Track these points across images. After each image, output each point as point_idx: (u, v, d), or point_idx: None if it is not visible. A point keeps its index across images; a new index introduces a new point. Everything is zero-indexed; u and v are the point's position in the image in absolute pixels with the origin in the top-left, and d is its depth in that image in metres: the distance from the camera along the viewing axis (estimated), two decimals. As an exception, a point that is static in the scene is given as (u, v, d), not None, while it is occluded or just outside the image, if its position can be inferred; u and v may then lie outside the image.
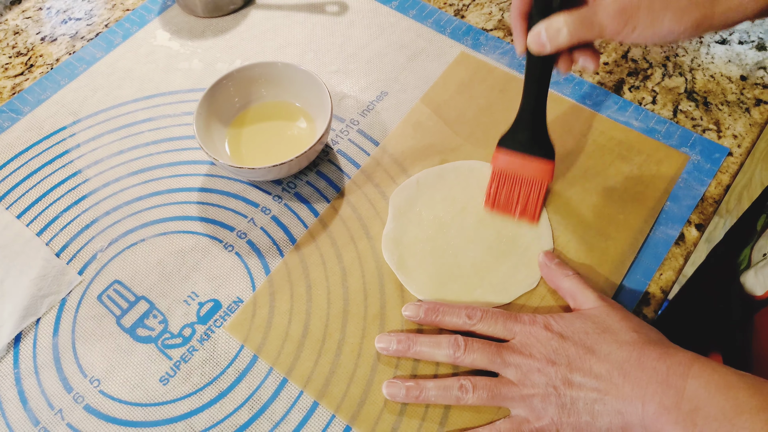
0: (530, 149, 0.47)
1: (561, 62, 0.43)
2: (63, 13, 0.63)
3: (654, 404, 0.36)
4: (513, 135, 0.47)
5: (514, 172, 0.48)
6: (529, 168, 0.47)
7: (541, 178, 0.47)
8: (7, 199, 0.51)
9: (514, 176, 0.48)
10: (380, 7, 0.62)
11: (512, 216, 0.48)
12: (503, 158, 0.48)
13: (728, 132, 0.54)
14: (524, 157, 0.47)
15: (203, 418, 0.42)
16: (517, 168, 0.47)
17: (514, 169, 0.47)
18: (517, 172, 0.47)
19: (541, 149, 0.47)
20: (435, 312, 0.43)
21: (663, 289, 0.46)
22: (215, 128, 0.51)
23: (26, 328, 0.45)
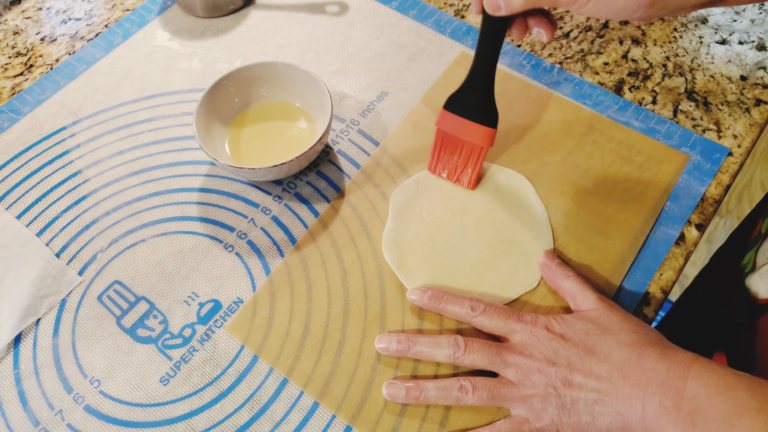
0: (475, 115, 0.47)
1: (515, 28, 0.43)
2: (63, 14, 0.63)
3: (654, 405, 0.36)
4: (460, 98, 0.47)
5: (457, 137, 0.48)
6: (471, 134, 0.47)
7: (482, 144, 0.47)
8: (6, 200, 0.51)
9: (455, 141, 0.48)
10: (380, 8, 0.62)
11: (451, 181, 0.50)
12: (447, 121, 0.48)
13: (728, 132, 0.54)
14: (467, 123, 0.47)
15: (203, 418, 0.42)
16: (459, 132, 0.48)
17: (457, 133, 0.48)
18: (460, 136, 0.48)
19: (486, 116, 0.47)
20: (439, 299, 0.43)
21: (663, 289, 0.46)
22: (215, 128, 0.51)
23: (26, 329, 0.45)
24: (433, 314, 0.45)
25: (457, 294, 0.44)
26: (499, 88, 0.56)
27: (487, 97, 0.47)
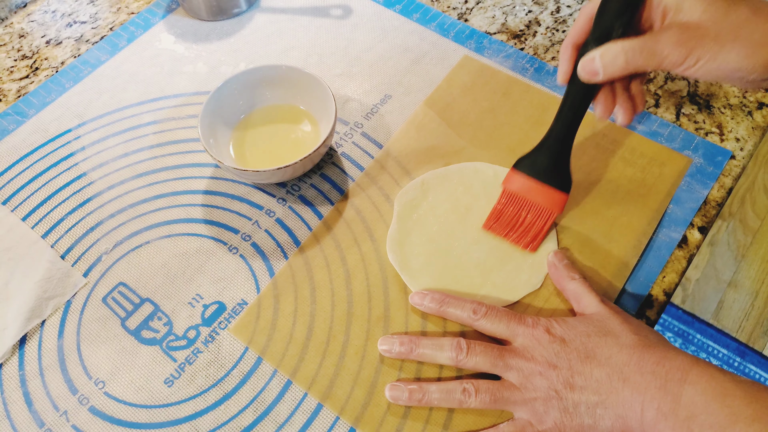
0: (547, 178, 0.45)
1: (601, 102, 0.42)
2: (68, 17, 0.64)
3: (652, 410, 0.36)
4: (533, 159, 0.46)
5: (524, 198, 0.46)
6: (541, 196, 0.45)
7: (551, 209, 0.46)
8: (12, 202, 0.51)
9: (523, 201, 0.46)
10: (384, 11, 0.62)
11: (508, 241, 0.47)
12: (516, 181, 0.46)
13: (731, 135, 0.54)
14: (539, 184, 0.45)
15: (208, 419, 0.42)
16: (527, 193, 0.46)
17: (525, 194, 0.46)
18: (528, 197, 0.46)
19: (559, 180, 0.45)
20: (441, 302, 0.43)
21: (666, 291, 0.46)
22: (220, 131, 0.51)
23: (31, 330, 0.45)
24: (437, 317, 0.45)
25: (459, 297, 0.44)
26: (502, 91, 0.56)
27: (563, 161, 0.45)
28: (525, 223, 0.46)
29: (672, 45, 0.36)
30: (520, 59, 0.58)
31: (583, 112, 0.43)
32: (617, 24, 0.39)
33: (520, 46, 0.60)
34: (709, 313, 1.28)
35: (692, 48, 0.36)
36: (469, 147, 0.53)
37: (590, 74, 0.40)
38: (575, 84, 0.42)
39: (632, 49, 0.37)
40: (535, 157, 0.46)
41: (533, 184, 0.46)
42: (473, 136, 0.53)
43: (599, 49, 0.39)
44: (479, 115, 0.55)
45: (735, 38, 0.35)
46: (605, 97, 0.42)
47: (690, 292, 1.30)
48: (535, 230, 0.46)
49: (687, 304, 1.29)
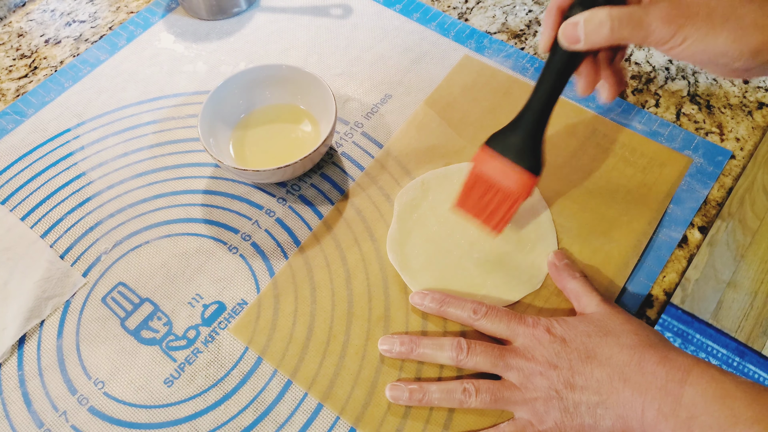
0: (518, 157, 0.42)
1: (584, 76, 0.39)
2: (67, 16, 0.64)
3: (653, 410, 0.36)
4: (505, 136, 0.43)
5: (493, 178, 0.43)
6: (510, 178, 0.42)
7: (518, 193, 0.42)
8: (11, 201, 0.51)
9: (491, 182, 0.43)
10: (384, 11, 0.62)
11: (478, 222, 0.45)
12: (486, 160, 0.43)
13: (731, 135, 0.54)
14: (509, 164, 0.42)
15: (208, 419, 0.42)
16: (497, 174, 0.43)
17: (494, 174, 0.43)
18: (496, 178, 0.43)
19: (530, 160, 0.42)
20: (441, 302, 0.43)
21: (666, 291, 0.46)
22: (220, 131, 0.51)
23: (30, 330, 0.45)
24: (437, 316, 0.45)
25: (459, 297, 0.44)
26: (502, 91, 0.56)
27: (536, 139, 0.42)
28: (491, 204, 0.43)
29: (661, 19, 0.35)
30: (521, 59, 0.58)
31: (562, 84, 0.40)
32: None
33: (520, 45, 0.60)
34: (709, 313, 1.28)
35: (681, 25, 0.34)
36: (470, 147, 0.53)
37: (571, 40, 0.37)
38: (557, 53, 0.39)
39: (619, 18, 0.35)
40: (507, 134, 0.42)
41: (502, 164, 0.42)
42: (474, 136, 0.53)
43: (584, 13, 0.36)
44: (480, 115, 0.55)
45: (726, 20, 0.34)
46: (588, 70, 0.40)
47: (689, 292, 1.30)
48: (500, 214, 0.44)
49: (686, 304, 1.29)
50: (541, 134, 0.42)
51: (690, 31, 0.34)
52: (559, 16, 0.39)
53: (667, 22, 0.34)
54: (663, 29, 0.35)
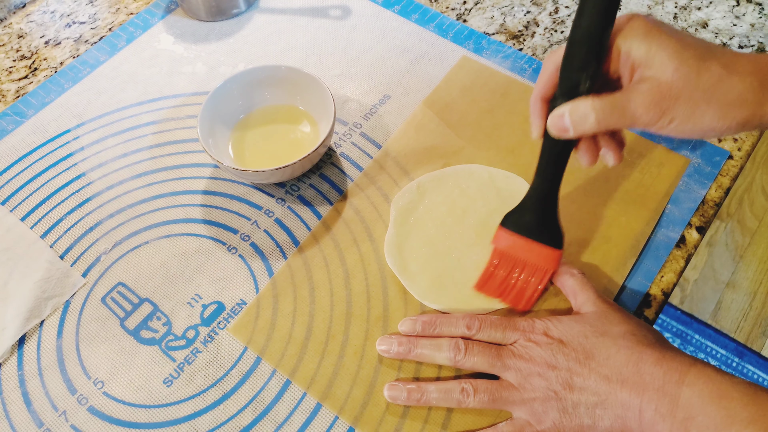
0: (536, 235, 0.43)
1: (585, 151, 0.40)
2: (67, 17, 0.64)
3: (650, 411, 0.36)
4: (519, 216, 0.44)
5: (516, 256, 0.44)
6: (534, 254, 0.43)
7: (546, 267, 0.44)
8: (11, 202, 0.51)
9: (515, 260, 0.44)
10: (383, 11, 0.63)
11: (503, 301, 0.45)
12: (506, 240, 0.44)
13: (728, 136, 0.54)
14: (529, 242, 0.44)
15: (207, 419, 0.42)
16: (519, 252, 0.44)
17: (517, 253, 0.44)
18: (520, 256, 0.44)
19: (549, 236, 0.43)
20: (432, 325, 0.43)
21: (664, 291, 0.47)
22: (219, 131, 0.51)
23: (30, 330, 0.45)
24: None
25: (449, 315, 0.44)
26: (501, 91, 0.56)
27: (551, 216, 0.43)
28: (518, 282, 0.44)
29: (645, 106, 0.35)
30: (519, 60, 0.59)
31: (563, 165, 0.41)
32: (583, 77, 0.37)
33: (518, 46, 0.60)
34: (708, 314, 1.28)
35: (666, 109, 0.35)
36: (468, 147, 0.53)
37: (560, 131, 0.38)
38: (550, 138, 0.40)
39: (602, 109, 0.36)
40: (521, 214, 0.44)
41: (523, 242, 0.44)
42: (472, 137, 0.54)
43: (568, 104, 0.37)
44: (478, 116, 0.55)
45: (709, 100, 0.34)
46: (587, 144, 0.40)
47: (688, 293, 1.30)
48: (530, 290, 0.44)
49: (685, 305, 1.29)
50: (554, 211, 0.43)
51: (675, 113, 0.35)
52: (544, 105, 0.40)
53: (651, 107, 0.35)
54: (648, 115, 0.35)
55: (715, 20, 0.62)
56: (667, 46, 0.35)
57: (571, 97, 0.37)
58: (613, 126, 0.36)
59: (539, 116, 0.40)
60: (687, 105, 0.34)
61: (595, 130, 0.37)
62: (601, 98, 0.36)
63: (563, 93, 0.38)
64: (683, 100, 0.34)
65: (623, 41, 0.36)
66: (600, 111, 0.36)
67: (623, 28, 0.36)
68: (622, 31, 0.36)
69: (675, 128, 0.35)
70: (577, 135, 0.38)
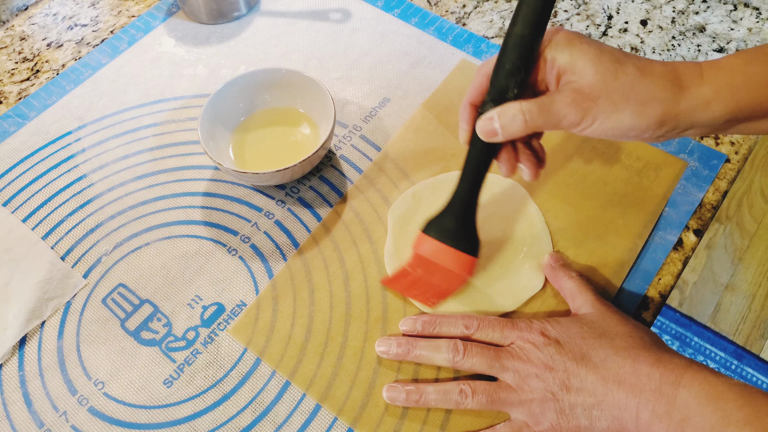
0: (454, 241, 0.43)
1: (505, 162, 0.41)
2: (69, 20, 0.64)
3: (647, 412, 0.36)
4: (439, 222, 0.44)
5: (434, 262, 0.44)
6: (450, 260, 0.44)
7: (460, 272, 0.44)
8: (12, 203, 0.52)
9: (432, 266, 0.44)
10: (382, 15, 0.63)
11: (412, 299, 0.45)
12: (425, 245, 0.44)
13: (725, 139, 0.54)
14: (446, 248, 0.44)
15: (206, 420, 0.42)
16: (437, 258, 0.44)
17: (434, 258, 0.44)
18: (437, 261, 0.44)
19: (466, 243, 0.44)
20: (432, 324, 0.43)
21: (662, 293, 0.47)
22: (219, 133, 0.51)
23: (31, 331, 0.46)
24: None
25: (449, 315, 0.44)
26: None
27: (469, 223, 0.44)
28: (430, 285, 0.45)
29: (568, 106, 0.37)
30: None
31: (484, 171, 0.42)
32: (512, 83, 0.38)
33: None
34: (707, 316, 1.28)
35: (587, 109, 0.37)
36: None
37: (489, 134, 0.39)
38: (476, 144, 0.41)
39: (530, 111, 0.38)
40: (441, 220, 0.44)
41: (441, 248, 0.44)
42: (471, 139, 0.54)
43: (497, 109, 0.39)
44: (477, 119, 0.55)
45: (626, 99, 0.36)
46: (507, 155, 0.41)
47: (687, 295, 1.31)
48: (439, 292, 0.45)
49: (684, 307, 1.29)
50: (473, 218, 0.44)
51: (596, 113, 0.37)
52: (473, 112, 0.41)
53: (574, 107, 0.37)
54: (571, 115, 0.37)
55: (712, 24, 0.62)
56: (586, 52, 0.37)
57: (499, 103, 0.39)
58: (540, 126, 0.38)
59: (467, 122, 0.42)
60: (606, 105, 0.36)
61: (523, 131, 0.38)
62: (528, 101, 0.38)
63: (492, 98, 0.39)
64: (603, 101, 0.36)
65: (549, 51, 0.38)
66: (528, 112, 0.38)
67: (550, 39, 0.39)
68: (549, 42, 0.38)
69: (597, 128, 0.37)
70: (505, 137, 0.39)
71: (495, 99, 0.39)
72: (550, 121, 0.38)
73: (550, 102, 0.38)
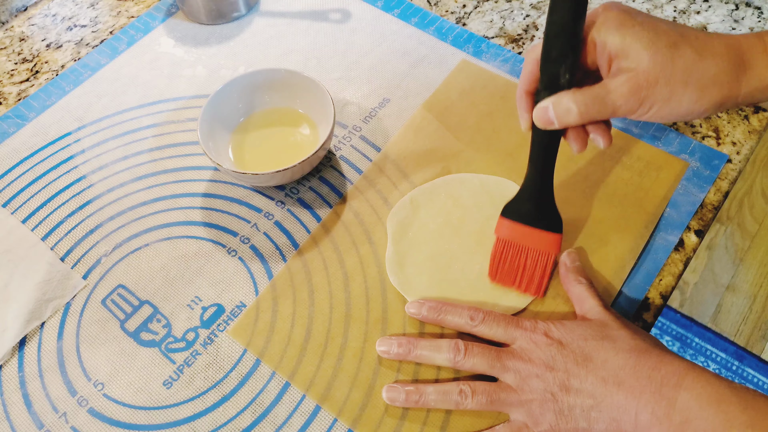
0: (535, 221, 0.45)
1: (573, 139, 0.41)
2: (68, 20, 0.64)
3: (647, 414, 0.36)
4: (517, 206, 0.45)
5: (519, 243, 0.45)
6: (535, 240, 0.45)
7: (548, 250, 0.45)
8: (12, 204, 0.52)
9: (518, 247, 0.45)
10: (382, 15, 0.63)
11: (516, 288, 0.46)
12: (507, 228, 0.45)
13: (727, 139, 0.54)
14: (529, 229, 0.45)
15: (206, 421, 0.42)
16: (521, 239, 0.45)
17: (519, 240, 0.45)
18: (522, 243, 0.45)
19: (548, 221, 0.45)
20: (438, 311, 0.43)
21: (663, 294, 0.47)
22: (219, 134, 0.51)
23: (31, 332, 0.46)
24: (434, 319, 0.45)
25: (456, 304, 0.44)
26: (500, 95, 0.56)
27: (547, 203, 0.45)
28: (527, 268, 0.45)
29: (624, 96, 0.36)
30: (518, 63, 0.59)
31: (553, 154, 0.42)
32: (562, 69, 0.38)
33: (517, 50, 0.60)
34: (708, 317, 1.28)
35: (644, 97, 0.36)
36: (467, 150, 0.53)
37: (545, 123, 0.39)
38: (538, 130, 0.41)
39: (584, 102, 0.37)
40: (519, 204, 0.45)
41: (524, 229, 0.45)
42: (471, 140, 0.54)
43: (551, 98, 0.38)
44: (477, 119, 0.55)
45: (684, 84, 0.35)
46: (575, 132, 0.41)
47: (688, 296, 1.30)
48: (538, 274, 0.45)
49: (685, 308, 1.29)
50: (550, 197, 0.45)
51: (654, 100, 0.36)
52: (529, 99, 0.41)
53: (629, 96, 0.36)
54: (628, 104, 0.36)
55: (714, 24, 0.62)
56: (640, 36, 0.36)
57: (553, 90, 0.39)
58: (595, 117, 0.38)
59: (526, 110, 0.42)
60: (663, 91, 0.36)
61: (578, 122, 0.38)
62: (582, 92, 0.37)
63: (545, 86, 0.39)
64: (660, 87, 0.36)
65: (598, 33, 0.37)
66: (582, 104, 0.37)
67: (597, 20, 0.37)
68: (596, 24, 0.37)
69: (655, 114, 0.37)
70: (561, 126, 0.39)
71: (548, 87, 0.39)
72: (605, 111, 0.37)
73: (604, 92, 0.37)
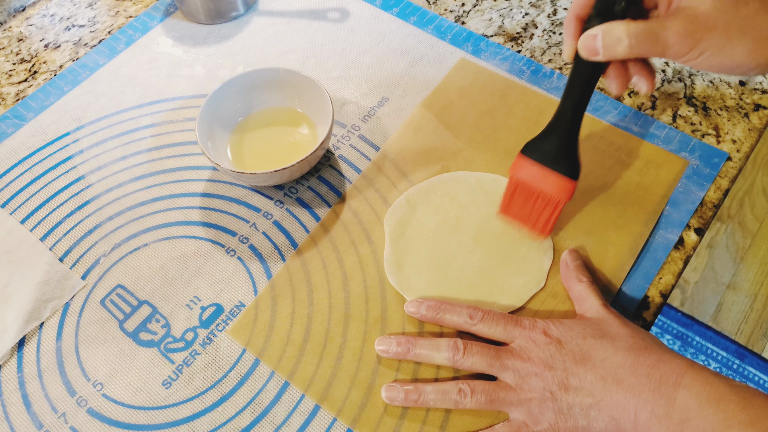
0: (554, 163, 0.43)
1: (614, 78, 0.39)
2: (66, 20, 0.64)
3: (646, 412, 0.36)
4: (540, 144, 0.44)
5: (532, 185, 0.45)
6: (549, 183, 0.44)
7: (559, 196, 0.44)
8: (11, 205, 0.51)
9: (531, 188, 0.45)
10: (381, 14, 0.63)
11: (524, 225, 0.47)
12: (524, 168, 0.45)
13: (727, 137, 0.54)
14: (546, 170, 0.44)
15: (205, 421, 0.42)
16: (535, 181, 0.44)
17: (533, 181, 0.44)
18: (536, 185, 0.44)
19: (567, 166, 0.43)
20: (436, 310, 0.43)
21: (662, 293, 0.47)
22: (218, 134, 0.51)
23: (30, 333, 0.46)
24: (434, 319, 0.45)
25: (454, 303, 0.44)
26: (499, 93, 0.56)
27: (571, 145, 0.43)
28: (535, 210, 0.45)
29: (678, 35, 0.35)
30: (517, 62, 0.59)
31: (590, 91, 0.41)
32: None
33: (517, 48, 0.60)
34: (708, 316, 1.28)
35: (698, 40, 0.35)
36: (466, 149, 0.53)
37: (591, 52, 0.37)
38: (581, 60, 0.39)
39: (636, 35, 0.35)
40: (542, 142, 0.44)
41: (541, 171, 0.44)
42: (470, 138, 0.54)
43: (602, 26, 0.36)
44: (476, 118, 0.55)
45: (743, 33, 0.34)
46: (616, 71, 0.39)
47: (689, 295, 1.30)
48: (543, 218, 0.45)
49: (686, 307, 1.29)
50: (575, 139, 0.43)
51: (707, 45, 0.35)
52: (578, 25, 0.39)
53: (684, 37, 0.35)
54: (680, 44, 0.35)
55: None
56: None
57: (606, 19, 0.37)
58: (644, 53, 0.36)
59: (572, 36, 0.39)
60: (720, 38, 0.34)
61: (626, 55, 0.36)
62: (636, 24, 0.36)
63: (598, 13, 0.38)
64: (717, 33, 0.34)
65: None
66: (633, 36, 0.36)
67: None
68: None
69: (704, 61, 0.35)
70: (606, 58, 0.37)
71: (601, 14, 0.37)
72: (655, 49, 0.36)
73: (660, 28, 0.35)
